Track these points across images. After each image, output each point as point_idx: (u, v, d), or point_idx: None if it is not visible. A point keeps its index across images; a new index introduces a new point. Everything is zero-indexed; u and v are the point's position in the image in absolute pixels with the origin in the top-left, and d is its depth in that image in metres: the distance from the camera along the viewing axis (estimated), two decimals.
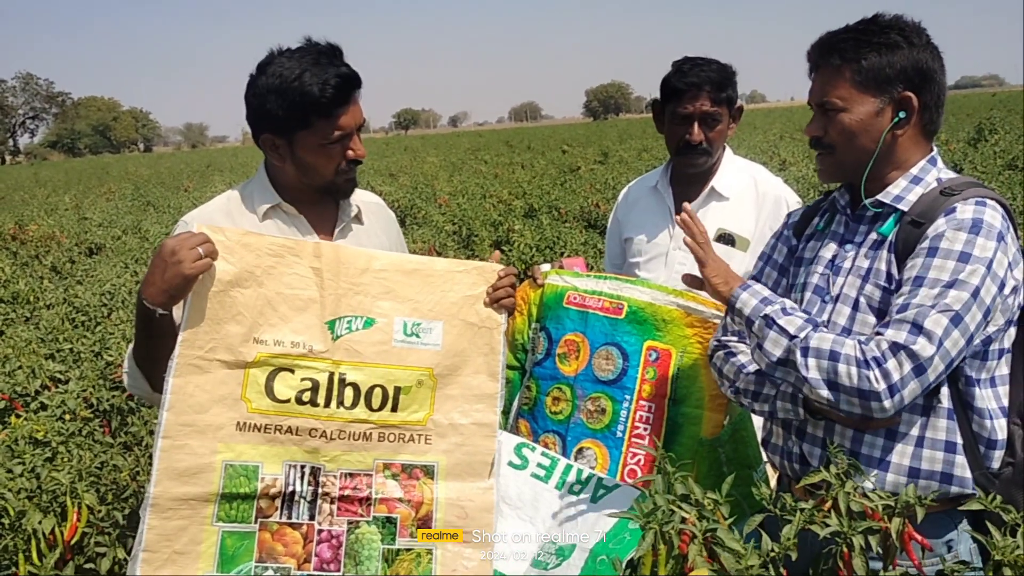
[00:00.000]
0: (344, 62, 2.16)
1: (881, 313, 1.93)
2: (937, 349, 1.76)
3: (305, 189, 2.24)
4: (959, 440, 1.91)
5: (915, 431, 1.93)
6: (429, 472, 2.09)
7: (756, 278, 2.29)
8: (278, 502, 1.97)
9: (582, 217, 9.87)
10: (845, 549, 1.57)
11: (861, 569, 1.54)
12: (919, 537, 1.62)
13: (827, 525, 1.58)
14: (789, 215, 2.35)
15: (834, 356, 1.81)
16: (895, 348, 1.77)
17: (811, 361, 1.84)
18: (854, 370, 1.78)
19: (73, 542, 2.51)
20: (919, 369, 1.76)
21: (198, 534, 1.90)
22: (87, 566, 2.56)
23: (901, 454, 1.93)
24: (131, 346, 2.10)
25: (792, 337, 1.89)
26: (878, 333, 1.82)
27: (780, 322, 1.92)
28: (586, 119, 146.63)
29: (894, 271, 1.93)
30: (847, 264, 2.04)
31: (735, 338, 2.24)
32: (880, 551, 1.59)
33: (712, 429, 2.48)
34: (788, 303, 1.98)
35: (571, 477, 2.31)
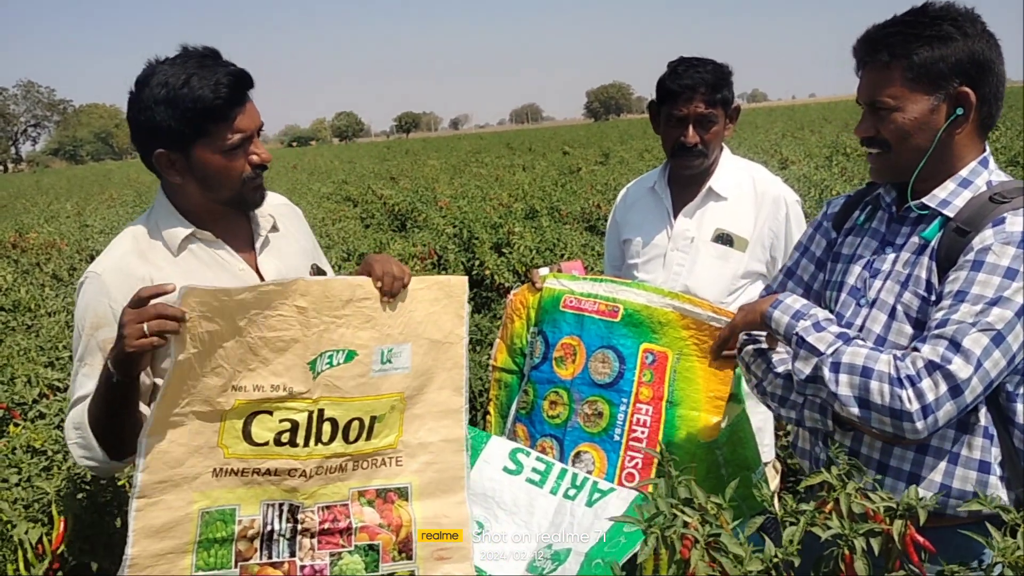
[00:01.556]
0: (229, 62, 2.02)
1: (919, 323, 1.85)
2: (975, 370, 1.66)
3: (212, 208, 2.09)
4: (994, 460, 1.83)
5: (949, 446, 1.84)
6: (403, 494, 2.06)
7: (792, 269, 2.22)
8: (257, 543, 1.92)
9: (583, 218, 9.86)
10: (846, 551, 1.56)
11: (863, 571, 1.52)
12: (921, 539, 1.60)
13: (828, 527, 1.56)
14: (828, 204, 2.25)
15: (866, 372, 1.73)
16: (931, 367, 1.68)
17: (842, 377, 1.76)
18: (887, 388, 1.70)
19: (59, 551, 2.49)
20: (955, 391, 1.67)
21: None
22: None
23: (933, 469, 1.85)
24: (77, 411, 1.96)
25: (821, 354, 1.81)
26: (914, 349, 1.73)
27: (810, 339, 1.84)
28: (587, 120, 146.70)
29: (935, 280, 1.84)
30: (886, 267, 1.95)
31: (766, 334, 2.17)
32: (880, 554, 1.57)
33: (709, 431, 2.47)
34: (822, 315, 1.89)
35: (566, 481, 2.30)
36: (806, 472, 2.15)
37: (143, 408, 1.97)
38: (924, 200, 1.90)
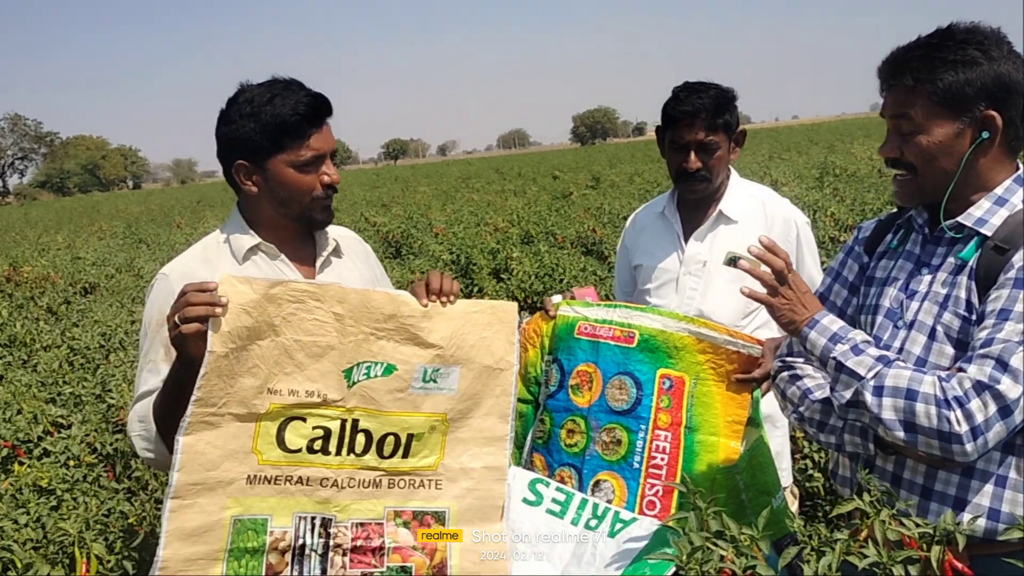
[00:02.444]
0: (311, 89, 2.20)
1: (960, 344, 1.82)
2: None
3: (282, 224, 2.23)
4: None
5: (995, 469, 1.80)
6: (440, 519, 2.04)
7: (824, 295, 2.19)
8: (288, 557, 1.90)
9: (579, 243, 9.85)
10: None
11: None
12: (960, 565, 1.57)
13: (865, 555, 1.54)
14: (859, 228, 2.22)
15: (911, 395, 1.70)
16: (979, 387, 1.65)
17: (886, 401, 1.73)
18: (933, 410, 1.67)
19: None
20: (1005, 411, 1.64)
21: None
22: None
23: (979, 493, 1.81)
24: (143, 405, 2.06)
25: (861, 379, 1.78)
26: (960, 369, 1.70)
27: (849, 364, 1.81)
28: (574, 144, 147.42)
29: (975, 299, 1.81)
30: (923, 288, 1.92)
31: (801, 359, 2.14)
32: None
33: (728, 456, 2.44)
34: (860, 338, 1.86)
35: (587, 512, 2.27)
36: (795, 496, 2.13)
37: None
38: (959, 220, 1.88)
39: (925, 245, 1.98)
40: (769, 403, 2.59)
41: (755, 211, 2.91)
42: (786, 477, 2.90)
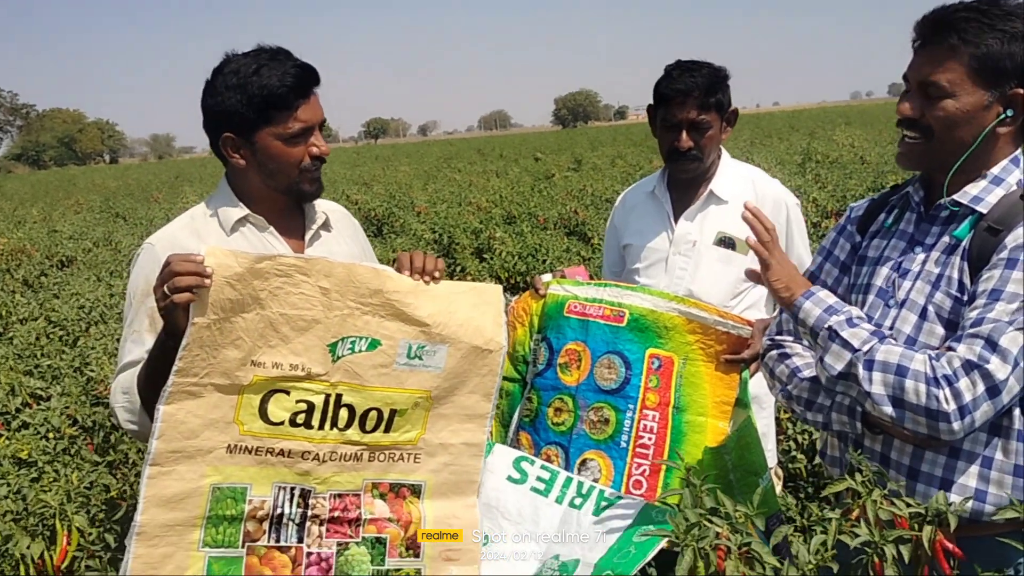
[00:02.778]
0: (299, 59, 2.15)
1: (951, 324, 1.82)
2: (1013, 369, 1.65)
3: (271, 196, 2.20)
4: None
5: (982, 450, 1.81)
6: (416, 491, 2.07)
7: (815, 274, 2.19)
8: (266, 525, 1.91)
9: (562, 224, 9.84)
10: (876, 559, 1.54)
11: None
12: (950, 546, 1.58)
13: (857, 535, 1.55)
14: (851, 208, 2.22)
15: (901, 371, 1.71)
16: (968, 366, 1.66)
17: (876, 375, 1.74)
18: (922, 387, 1.68)
19: (63, 566, 2.43)
20: (993, 390, 1.65)
21: (184, 560, 1.84)
22: None
23: (965, 473, 1.81)
24: (126, 376, 2.03)
25: (855, 350, 1.78)
26: (949, 348, 1.71)
27: (844, 334, 1.81)
28: (555, 127, 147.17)
29: (967, 280, 1.81)
30: (915, 268, 1.92)
31: (790, 338, 2.14)
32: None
33: (716, 436, 2.45)
34: (855, 312, 1.87)
35: (572, 490, 2.27)
36: (778, 477, 2.13)
37: None
38: (955, 197, 1.87)
39: (919, 223, 1.97)
40: (757, 384, 2.59)
41: (745, 191, 2.90)
42: (771, 458, 2.92)
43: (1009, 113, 1.81)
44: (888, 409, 1.73)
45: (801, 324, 1.92)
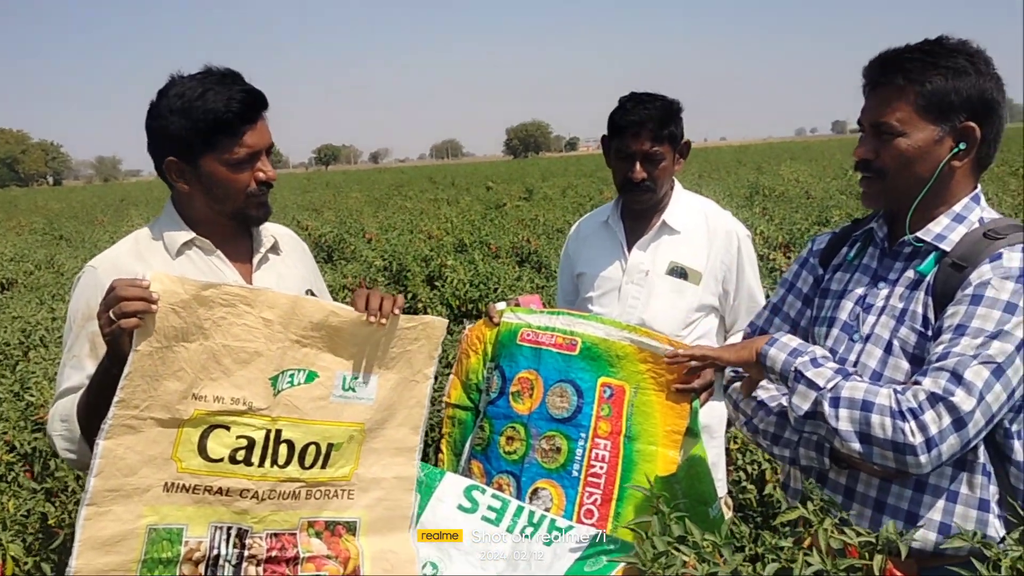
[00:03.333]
0: (247, 83, 2.11)
1: (916, 359, 1.84)
2: (978, 402, 1.65)
3: (217, 220, 2.16)
4: (991, 498, 1.82)
5: (947, 484, 1.83)
6: (351, 528, 2.05)
7: (777, 305, 2.22)
8: (202, 568, 1.86)
9: (514, 252, 9.86)
10: None
11: None
12: (899, 573, 1.60)
13: (809, 564, 1.55)
14: (813, 240, 2.25)
15: (867, 406, 1.71)
16: (933, 399, 1.66)
17: (842, 412, 1.74)
18: (888, 421, 1.68)
19: None
20: (959, 423, 1.65)
21: None
22: None
23: (932, 508, 1.83)
24: (65, 403, 1.97)
25: (820, 388, 1.79)
26: (915, 382, 1.72)
27: (808, 374, 1.82)
28: (507, 157, 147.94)
29: (931, 315, 1.83)
30: (879, 302, 1.94)
31: None
32: None
33: (667, 465, 2.45)
34: (820, 352, 1.88)
35: (523, 519, 2.26)
36: (729, 507, 2.14)
37: None
38: (919, 235, 1.90)
39: (883, 259, 2.00)
40: (707, 413, 2.60)
41: (698, 223, 2.93)
42: (721, 487, 2.93)
43: (962, 146, 1.85)
44: (856, 445, 1.73)
45: (770, 371, 1.93)
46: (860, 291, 2.00)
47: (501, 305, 2.69)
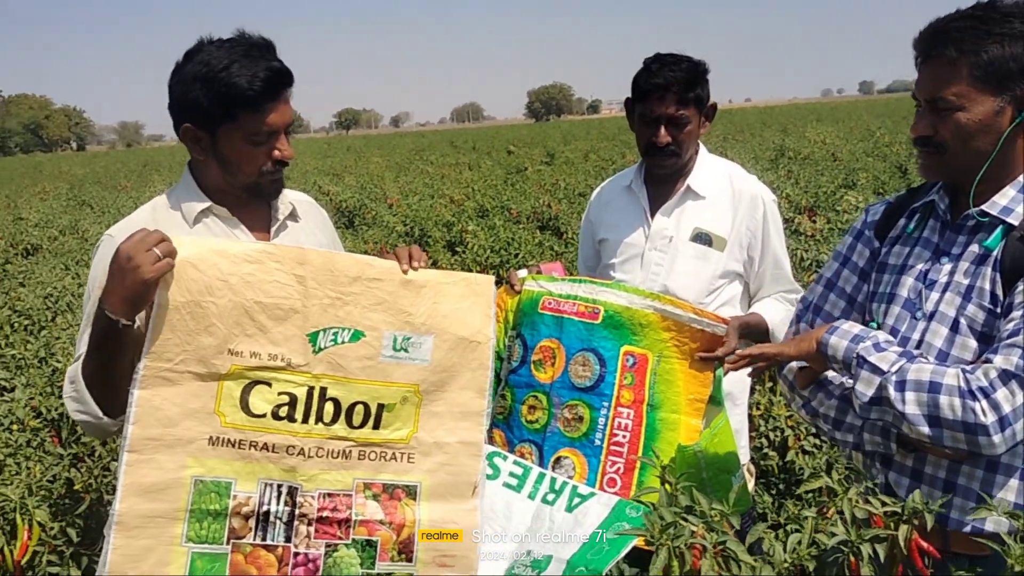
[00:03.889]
0: (276, 57, 2.06)
1: (984, 337, 1.77)
2: None
3: (231, 191, 2.14)
4: None
5: (1020, 463, 1.77)
6: (411, 493, 2.00)
7: (832, 280, 2.14)
8: (252, 522, 1.86)
9: (535, 218, 9.82)
10: (852, 558, 1.53)
11: None
12: (925, 545, 1.58)
13: (834, 534, 1.54)
14: (867, 211, 2.16)
15: (934, 388, 1.66)
16: (1005, 376, 1.61)
17: (909, 395, 1.69)
18: (958, 402, 1.64)
19: (23, 561, 2.38)
20: None
21: (166, 555, 1.79)
22: None
23: (1004, 488, 1.77)
24: (75, 367, 1.97)
25: (884, 373, 1.74)
26: (986, 360, 1.67)
27: (871, 359, 1.77)
28: (528, 120, 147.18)
29: (999, 291, 1.76)
30: (943, 278, 1.86)
31: None
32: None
33: (690, 434, 2.44)
34: (882, 337, 1.83)
35: (544, 486, 2.25)
36: (751, 473, 2.11)
37: None
38: (984, 207, 1.83)
39: (944, 232, 1.92)
40: (730, 381, 2.58)
41: (723, 187, 2.88)
42: (744, 455, 2.91)
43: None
44: (925, 428, 1.69)
45: (833, 360, 1.88)
46: (921, 266, 1.93)
47: (522, 272, 2.66)
